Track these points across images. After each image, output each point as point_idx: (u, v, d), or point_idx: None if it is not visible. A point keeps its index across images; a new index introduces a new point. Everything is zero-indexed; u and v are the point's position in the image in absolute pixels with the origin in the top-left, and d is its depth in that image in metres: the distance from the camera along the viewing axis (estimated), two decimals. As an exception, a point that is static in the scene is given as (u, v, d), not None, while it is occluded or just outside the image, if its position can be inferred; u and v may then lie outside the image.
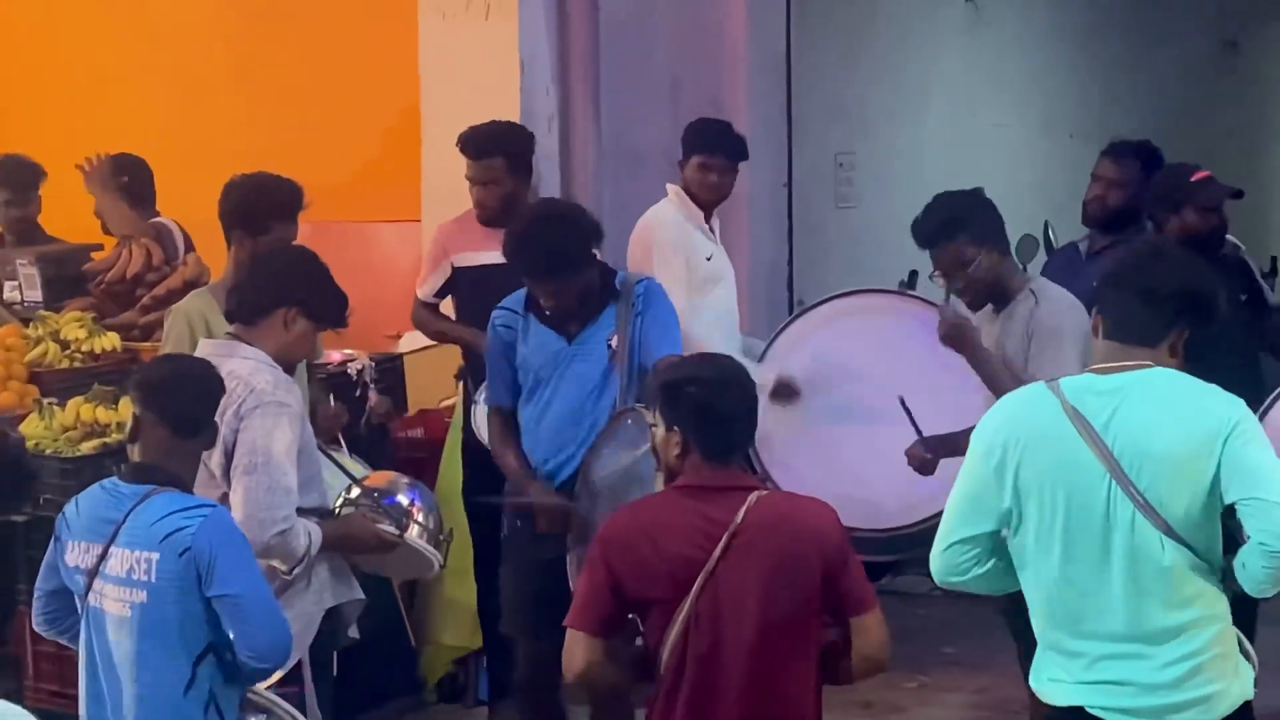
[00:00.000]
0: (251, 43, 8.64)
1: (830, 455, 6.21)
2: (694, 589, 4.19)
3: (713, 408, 4.30)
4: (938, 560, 4.18)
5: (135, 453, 4.62)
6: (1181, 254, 4.34)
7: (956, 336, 5.62)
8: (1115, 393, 4.00)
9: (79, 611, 4.60)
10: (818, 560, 4.23)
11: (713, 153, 6.86)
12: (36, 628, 4.88)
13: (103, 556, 4.48)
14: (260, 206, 5.86)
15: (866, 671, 4.33)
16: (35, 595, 4.78)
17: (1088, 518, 3.99)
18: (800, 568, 4.22)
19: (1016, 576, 4.16)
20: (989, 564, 4.15)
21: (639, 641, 4.29)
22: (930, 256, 5.74)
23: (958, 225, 5.67)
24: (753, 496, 4.26)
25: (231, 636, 4.42)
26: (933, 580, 4.27)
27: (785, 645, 4.23)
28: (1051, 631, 4.11)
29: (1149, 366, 4.03)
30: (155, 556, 4.41)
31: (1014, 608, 4.39)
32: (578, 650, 4.26)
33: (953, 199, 5.82)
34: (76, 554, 4.56)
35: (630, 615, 4.30)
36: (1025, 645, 4.43)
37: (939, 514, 4.23)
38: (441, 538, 5.40)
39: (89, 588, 4.52)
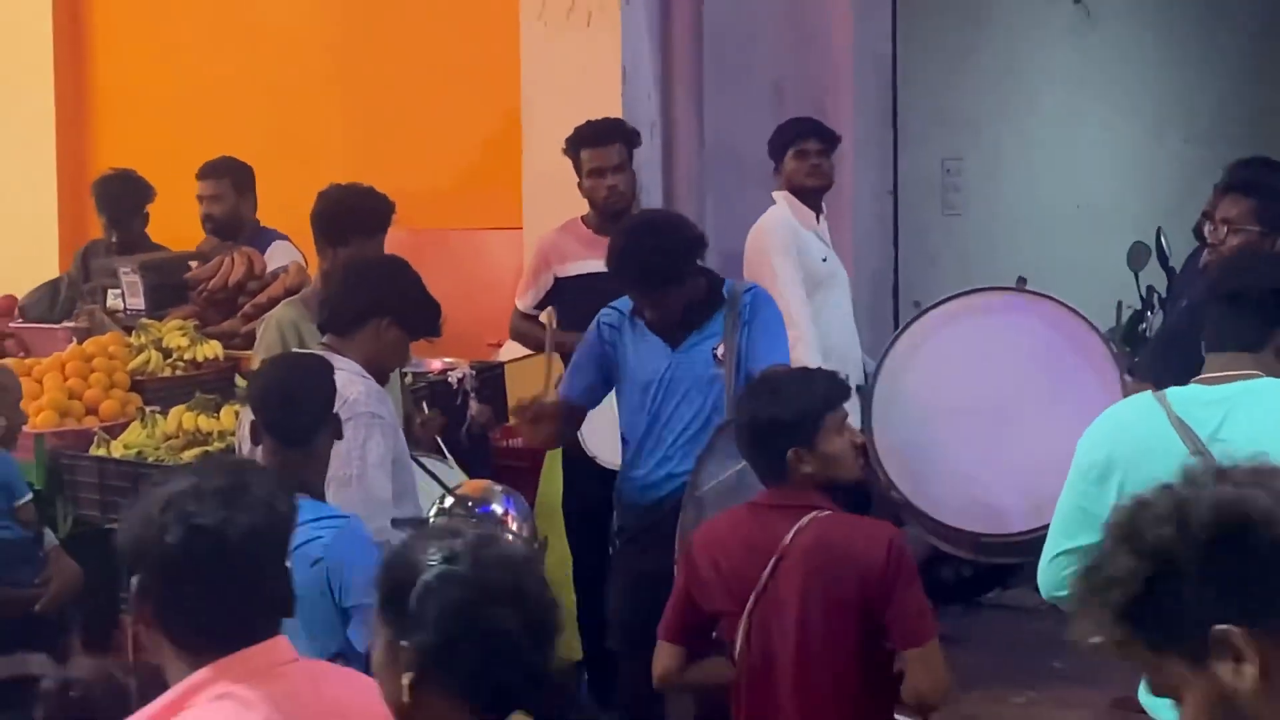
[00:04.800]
0: (354, 51, 8.65)
1: (954, 459, 6.10)
2: (748, 605, 4.29)
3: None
4: (1043, 573, 4.08)
5: (261, 456, 4.68)
6: (1274, 256, 4.23)
7: None
8: (1222, 403, 3.88)
9: None
10: (855, 587, 4.24)
11: (806, 138, 6.92)
12: None
13: None
14: (340, 219, 5.89)
15: (919, 708, 4.28)
16: None
17: (1191, 533, 3.87)
18: (835, 593, 4.25)
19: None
20: (1095, 579, 4.03)
21: None
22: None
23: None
24: (806, 517, 4.30)
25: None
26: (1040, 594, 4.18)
27: (826, 668, 4.26)
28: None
29: (1258, 376, 3.91)
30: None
31: None
32: (659, 657, 4.45)
33: None
34: None
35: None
36: None
37: None
38: (535, 546, 5.35)
39: None
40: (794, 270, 6.74)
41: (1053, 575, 4.05)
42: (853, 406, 6.42)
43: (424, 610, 2.68)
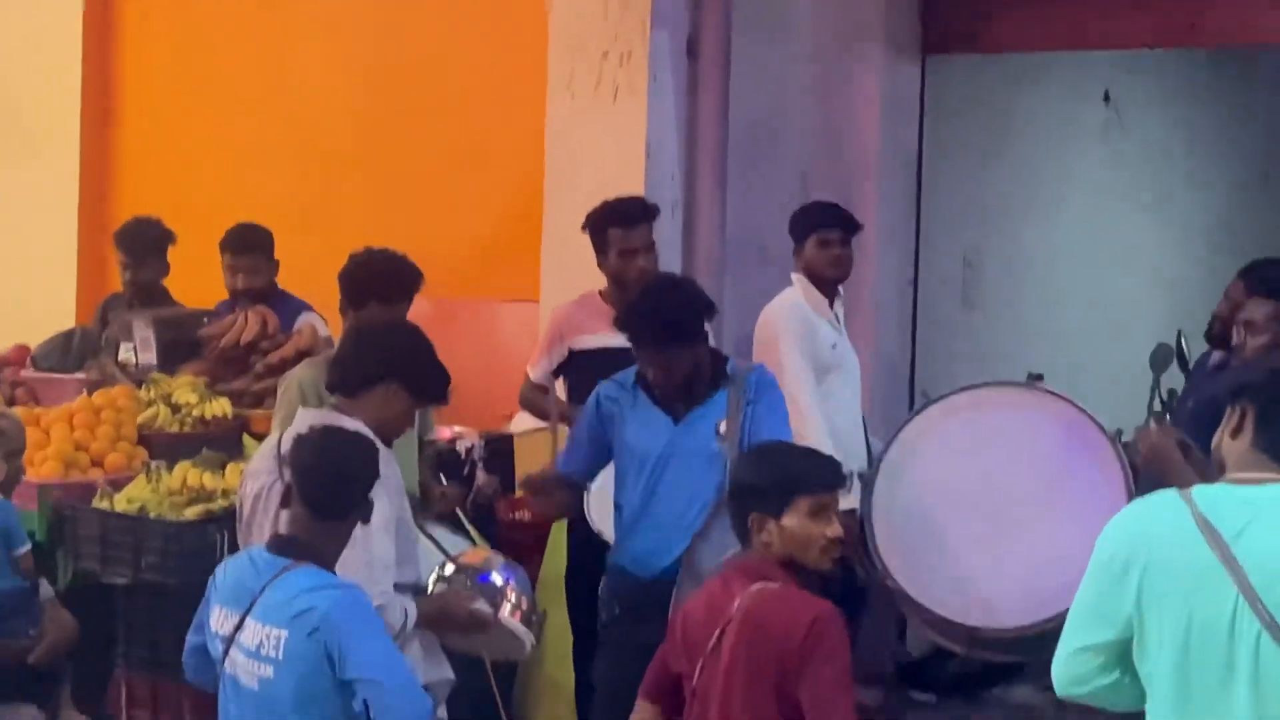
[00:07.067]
0: (379, 117, 8.67)
1: (952, 551, 6.06)
2: (696, 669, 4.41)
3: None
4: (1059, 669, 4.01)
5: (284, 521, 4.69)
6: None
7: (1157, 459, 5.39)
8: (1252, 504, 3.82)
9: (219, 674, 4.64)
10: (773, 662, 4.30)
11: (829, 227, 6.93)
12: (186, 676, 4.92)
13: (239, 626, 4.51)
14: (363, 283, 5.91)
15: None
16: (187, 646, 4.83)
17: (1211, 633, 3.79)
18: (755, 667, 4.31)
19: (1145, 692, 3.96)
20: (1113, 675, 3.95)
21: None
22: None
23: None
24: (754, 587, 4.38)
25: (369, 715, 4.39)
26: (1045, 693, 4.11)
27: None
28: (1173, 753, 3.91)
29: (1288, 483, 3.86)
30: (284, 634, 4.42)
31: None
32: (635, 714, 4.58)
33: None
34: (218, 619, 4.61)
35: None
36: None
37: (1064, 612, 4.06)
38: (534, 618, 5.32)
39: (226, 654, 4.55)
40: (802, 358, 6.73)
41: (1069, 671, 3.97)
42: (854, 493, 6.41)
43: None
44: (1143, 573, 3.86)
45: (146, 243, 7.85)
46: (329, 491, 4.59)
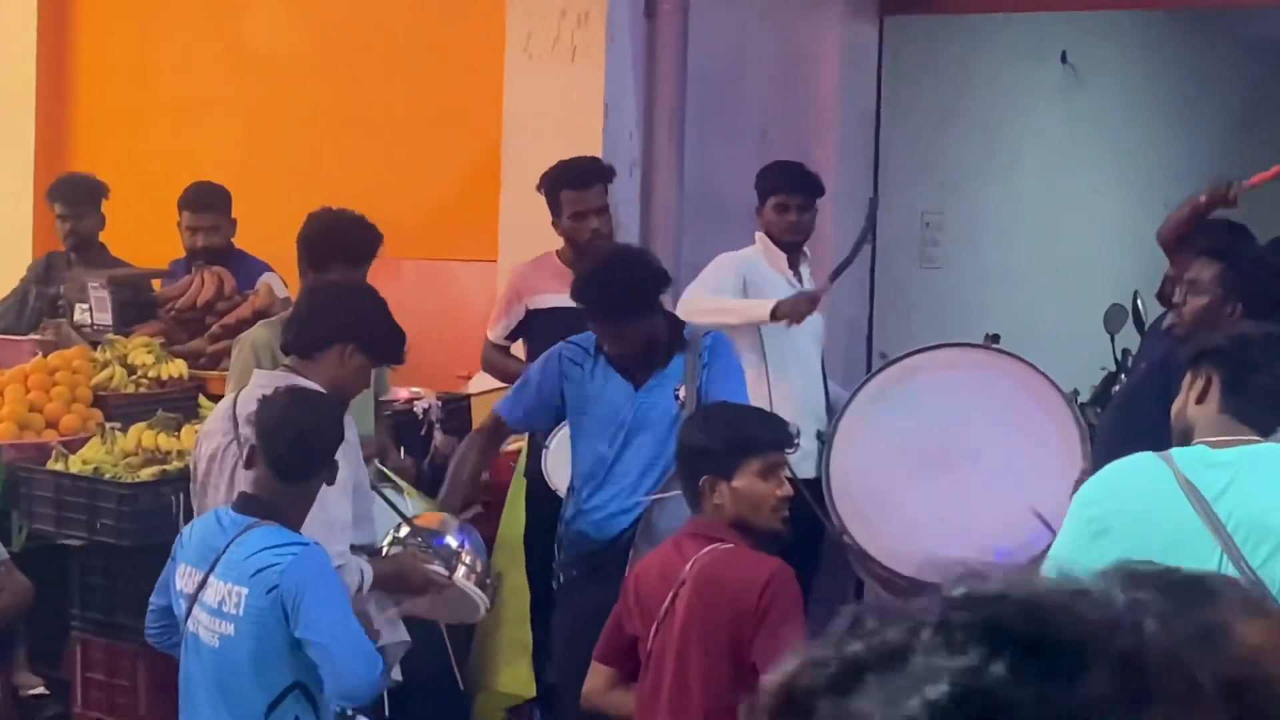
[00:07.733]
0: (337, 77, 8.61)
1: (909, 510, 6.08)
2: (651, 631, 4.43)
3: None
4: None
5: (245, 481, 4.70)
6: None
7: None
8: (1230, 466, 3.84)
9: (181, 634, 4.66)
10: (727, 621, 4.33)
11: (789, 191, 6.90)
12: (147, 638, 4.93)
13: (202, 584, 4.53)
14: (325, 245, 5.88)
15: None
16: (149, 608, 4.85)
17: (1194, 594, 3.81)
18: (710, 627, 4.33)
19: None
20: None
21: None
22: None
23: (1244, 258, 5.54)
24: (707, 549, 4.38)
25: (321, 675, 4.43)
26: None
27: (699, 705, 4.33)
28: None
29: (1262, 441, 3.88)
30: (244, 591, 4.44)
31: None
32: (589, 676, 4.60)
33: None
34: (183, 578, 4.62)
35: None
36: None
37: None
38: (488, 581, 5.33)
39: (189, 613, 4.57)
40: (710, 287, 6.69)
41: None
42: (812, 451, 6.42)
43: None
44: (1122, 533, 3.88)
45: (82, 194, 7.83)
46: (295, 453, 4.60)
